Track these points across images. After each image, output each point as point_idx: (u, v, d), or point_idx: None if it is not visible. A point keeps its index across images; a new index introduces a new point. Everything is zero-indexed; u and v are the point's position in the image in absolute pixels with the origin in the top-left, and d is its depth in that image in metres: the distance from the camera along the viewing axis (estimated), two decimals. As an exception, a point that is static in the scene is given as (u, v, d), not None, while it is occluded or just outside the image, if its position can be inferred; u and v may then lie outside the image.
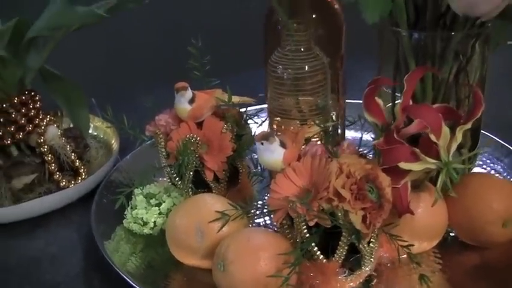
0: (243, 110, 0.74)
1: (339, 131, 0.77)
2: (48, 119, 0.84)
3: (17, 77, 0.81)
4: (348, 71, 0.76)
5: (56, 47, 0.83)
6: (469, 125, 0.59)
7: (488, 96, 0.65)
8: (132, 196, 0.71)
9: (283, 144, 0.60)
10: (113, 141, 0.91)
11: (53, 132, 0.83)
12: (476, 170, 0.78)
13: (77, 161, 0.85)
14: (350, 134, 0.78)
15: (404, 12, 0.62)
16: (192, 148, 0.70)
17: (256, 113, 0.74)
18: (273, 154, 0.60)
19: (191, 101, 0.70)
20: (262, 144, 0.60)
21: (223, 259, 0.56)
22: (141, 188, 0.72)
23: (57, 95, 0.90)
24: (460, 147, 0.63)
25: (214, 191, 0.72)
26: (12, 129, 0.81)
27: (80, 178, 0.83)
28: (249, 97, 0.75)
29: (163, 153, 0.73)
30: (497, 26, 0.66)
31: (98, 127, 0.96)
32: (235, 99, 0.72)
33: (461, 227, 0.65)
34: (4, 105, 0.81)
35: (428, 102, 0.65)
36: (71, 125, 0.92)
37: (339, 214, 0.54)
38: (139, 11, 0.82)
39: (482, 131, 0.72)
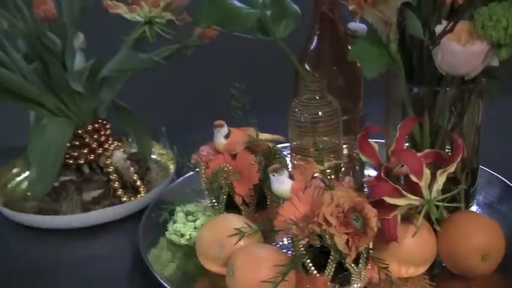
0: (272, 145, 0.87)
1: (357, 167, 0.88)
2: (115, 144, 0.99)
3: (91, 108, 0.98)
4: (366, 113, 0.88)
5: (126, 83, 0.99)
6: (451, 169, 0.69)
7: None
8: (175, 213, 0.85)
9: (291, 177, 0.73)
10: (171, 166, 1.06)
11: (118, 156, 0.99)
12: (478, 209, 0.86)
13: (138, 181, 1.00)
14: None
15: (402, 70, 0.74)
16: (224, 176, 0.83)
17: (283, 149, 0.87)
18: (282, 184, 0.72)
19: (226, 136, 0.84)
20: (273, 175, 0.72)
21: (232, 266, 0.69)
22: (183, 206, 0.86)
23: (126, 125, 1.06)
24: (456, 184, 0.74)
25: (243, 213, 0.85)
26: (85, 151, 0.98)
27: (138, 195, 0.98)
28: (278, 135, 0.88)
29: (204, 179, 0.87)
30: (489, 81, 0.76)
31: (160, 153, 1.11)
32: (266, 136, 0.86)
33: (447, 258, 0.74)
34: (80, 131, 0.97)
35: (426, 147, 0.76)
36: (136, 151, 1.07)
37: (326, 236, 0.66)
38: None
39: (496, 174, 0.83)
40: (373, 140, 0.74)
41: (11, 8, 0.89)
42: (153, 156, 1.10)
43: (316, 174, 0.74)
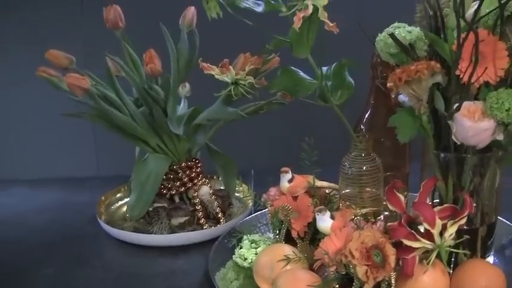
0: (328, 192, 1.04)
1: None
2: (203, 180, 1.20)
3: (186, 148, 1.19)
4: (412, 170, 1.04)
5: (219, 131, 1.21)
6: (461, 221, 0.84)
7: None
8: (242, 240, 1.04)
9: (332, 217, 0.90)
10: (250, 203, 1.25)
11: (205, 190, 1.20)
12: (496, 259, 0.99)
13: (220, 213, 1.20)
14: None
15: (431, 138, 0.89)
16: (285, 213, 1.01)
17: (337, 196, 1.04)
18: (324, 222, 0.90)
19: (290, 181, 1.03)
20: (318, 214, 0.90)
21: (276, 283, 0.87)
22: (249, 235, 1.04)
23: (216, 165, 1.27)
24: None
25: (298, 245, 1.02)
26: (177, 184, 1.19)
27: (218, 225, 1.18)
28: (334, 184, 1.05)
29: (269, 215, 1.05)
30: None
31: (242, 192, 1.31)
32: (323, 184, 1.03)
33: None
34: (175, 167, 1.19)
35: (450, 202, 0.90)
36: (223, 187, 1.28)
37: (350, 266, 0.82)
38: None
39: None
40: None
41: (128, 60, 1.13)
42: (237, 194, 1.30)
43: (354, 217, 0.91)
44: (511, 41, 0.84)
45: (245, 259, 1.01)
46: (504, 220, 1.07)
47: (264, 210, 1.16)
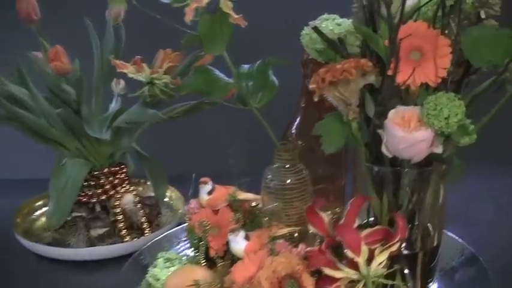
0: (254, 205, 0.92)
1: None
2: (127, 187, 1.08)
3: (108, 152, 1.07)
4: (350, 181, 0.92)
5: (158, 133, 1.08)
6: (392, 248, 0.72)
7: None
8: (156, 258, 0.92)
9: (247, 238, 0.77)
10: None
11: (128, 199, 1.07)
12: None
13: (145, 224, 1.08)
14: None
15: (362, 148, 0.77)
16: (203, 229, 0.89)
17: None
18: (237, 244, 0.78)
19: (210, 192, 0.90)
20: (230, 235, 0.78)
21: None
22: (165, 252, 0.92)
23: (146, 170, 1.15)
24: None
25: (218, 266, 0.90)
26: (99, 191, 1.07)
27: (142, 237, 1.06)
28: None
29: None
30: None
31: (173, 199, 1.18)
32: (248, 196, 0.91)
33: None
34: (96, 173, 1.07)
35: (385, 224, 0.78)
36: (153, 194, 1.15)
37: (259, 298, 0.70)
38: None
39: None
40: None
41: (45, 57, 1.00)
42: (170, 202, 1.18)
43: (272, 239, 0.78)
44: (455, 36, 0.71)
45: (157, 279, 0.89)
46: (454, 236, 0.94)
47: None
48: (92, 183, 1.07)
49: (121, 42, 1.05)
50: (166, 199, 1.18)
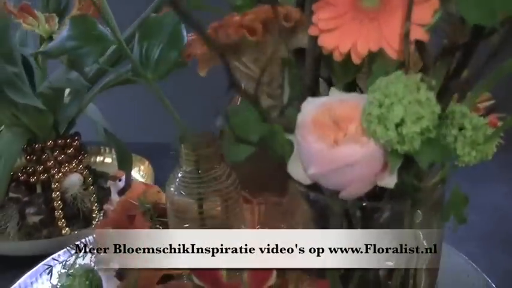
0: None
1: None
2: (73, 166, 0.85)
3: (50, 122, 0.84)
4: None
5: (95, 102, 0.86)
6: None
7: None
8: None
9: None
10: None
11: (72, 180, 0.85)
12: None
13: (96, 212, 0.85)
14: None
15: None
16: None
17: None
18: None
19: (121, 192, 0.65)
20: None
21: None
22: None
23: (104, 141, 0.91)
24: None
25: None
26: (40, 168, 0.85)
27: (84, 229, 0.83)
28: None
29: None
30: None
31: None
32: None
33: None
34: (38, 145, 0.85)
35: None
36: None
37: None
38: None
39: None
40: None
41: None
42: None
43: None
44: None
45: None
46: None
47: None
48: (34, 157, 0.86)
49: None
50: (137, 175, 0.94)
